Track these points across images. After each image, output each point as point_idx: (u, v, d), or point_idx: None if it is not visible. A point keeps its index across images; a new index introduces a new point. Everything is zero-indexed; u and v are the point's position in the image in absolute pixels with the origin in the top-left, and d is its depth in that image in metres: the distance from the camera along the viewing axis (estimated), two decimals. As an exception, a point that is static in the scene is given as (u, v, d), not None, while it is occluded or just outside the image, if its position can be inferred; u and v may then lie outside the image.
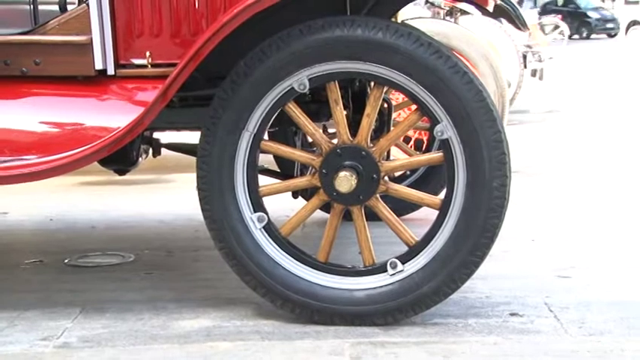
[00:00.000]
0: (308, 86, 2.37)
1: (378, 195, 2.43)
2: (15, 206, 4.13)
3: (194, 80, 2.42)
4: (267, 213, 2.47)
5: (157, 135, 3.05)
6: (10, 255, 3.38)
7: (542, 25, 10.12)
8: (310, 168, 2.52)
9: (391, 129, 2.88)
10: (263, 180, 2.56)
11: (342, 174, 2.38)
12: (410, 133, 4.53)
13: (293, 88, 2.37)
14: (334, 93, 2.40)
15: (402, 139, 3.60)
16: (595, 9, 29.86)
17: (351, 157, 2.40)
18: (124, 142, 2.37)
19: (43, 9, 3.12)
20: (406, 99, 3.14)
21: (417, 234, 2.46)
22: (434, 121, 2.35)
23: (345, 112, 2.48)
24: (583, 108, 8.46)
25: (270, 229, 2.47)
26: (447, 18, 6.09)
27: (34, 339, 2.41)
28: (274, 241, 2.47)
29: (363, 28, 2.29)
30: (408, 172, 3.66)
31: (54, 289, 2.87)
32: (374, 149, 2.41)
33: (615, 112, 7.97)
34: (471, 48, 4.84)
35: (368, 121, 2.40)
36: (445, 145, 2.35)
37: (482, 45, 4.93)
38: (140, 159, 2.85)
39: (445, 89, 2.29)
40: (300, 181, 2.54)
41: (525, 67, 7.39)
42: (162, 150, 3.07)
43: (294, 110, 2.42)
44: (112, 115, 2.43)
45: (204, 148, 2.40)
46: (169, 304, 2.68)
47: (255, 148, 2.42)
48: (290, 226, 2.49)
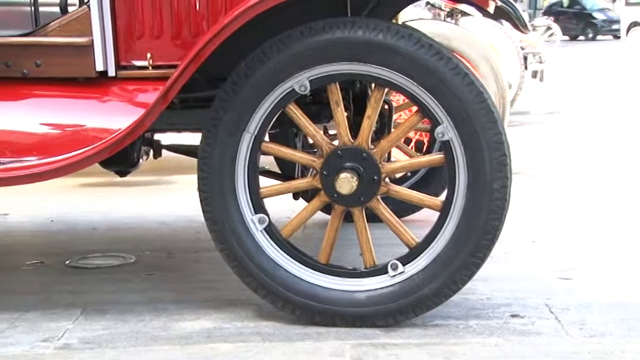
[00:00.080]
0: (309, 88, 2.37)
1: (378, 196, 2.43)
2: (16, 207, 4.13)
3: (195, 82, 2.42)
4: (268, 214, 2.47)
5: (157, 136, 3.05)
6: (11, 256, 3.38)
7: (534, 27, 10.10)
8: (311, 169, 2.52)
9: (392, 130, 2.88)
10: (264, 181, 2.56)
11: (342, 175, 2.38)
12: (411, 134, 4.53)
13: (294, 89, 2.37)
14: (335, 94, 2.40)
15: (402, 140, 3.60)
16: (601, 10, 29.67)
17: (352, 158, 2.40)
18: (124, 144, 2.37)
19: (43, 10, 3.11)
20: (407, 100, 3.14)
21: (417, 235, 2.46)
22: (435, 123, 2.35)
23: (346, 114, 2.48)
24: (584, 109, 8.46)
25: (271, 230, 2.47)
26: (448, 19, 6.09)
27: (34, 340, 2.41)
28: (275, 243, 2.47)
29: (363, 29, 2.29)
30: (408, 174, 3.67)
31: (55, 290, 2.87)
32: (375, 151, 2.41)
33: (616, 114, 7.96)
34: (472, 49, 4.84)
35: (369, 123, 2.40)
36: (446, 147, 2.36)
37: (482, 46, 4.92)
38: (141, 160, 2.85)
39: (446, 91, 2.29)
40: (301, 183, 2.54)
41: (526, 68, 7.39)
42: (163, 151, 3.07)
43: (294, 112, 2.42)
44: (112, 117, 2.43)
45: (205, 149, 2.41)
46: (170, 305, 2.68)
47: (256, 149, 2.42)
48: (291, 228, 2.49)
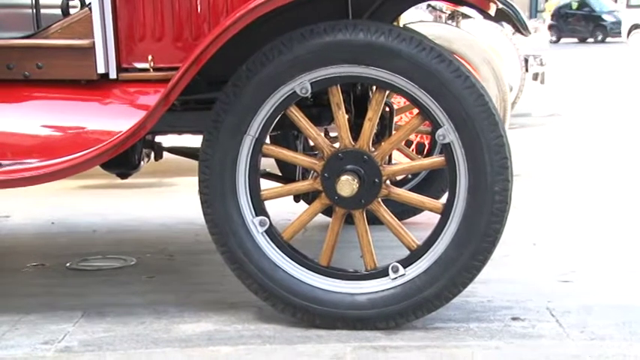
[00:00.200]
0: (310, 90, 2.37)
1: (379, 199, 2.43)
2: (17, 209, 4.13)
3: (196, 84, 2.42)
4: (268, 217, 2.46)
5: (158, 139, 3.05)
6: (12, 258, 3.38)
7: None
8: (312, 172, 2.52)
9: (393, 133, 2.88)
10: (265, 184, 2.56)
11: (343, 178, 2.38)
12: (412, 136, 4.53)
13: (295, 92, 2.37)
14: (336, 97, 2.40)
15: (403, 142, 3.60)
16: (610, 12, 29.32)
17: (353, 161, 2.40)
18: (126, 146, 2.37)
19: (45, 13, 3.11)
20: (408, 103, 3.14)
21: (418, 238, 2.46)
22: (436, 125, 2.35)
23: (347, 116, 2.48)
24: (584, 112, 8.45)
25: (272, 232, 2.47)
26: (449, 22, 6.09)
27: (35, 343, 2.41)
28: (276, 245, 2.47)
29: (365, 32, 2.29)
30: (409, 176, 3.67)
31: (55, 292, 2.87)
32: (376, 153, 2.41)
33: (616, 116, 7.96)
34: (473, 52, 4.84)
35: (370, 125, 2.40)
36: (447, 149, 2.35)
37: (483, 49, 4.93)
38: (142, 163, 2.85)
39: (447, 93, 2.29)
40: (302, 185, 2.54)
41: (527, 70, 7.39)
42: (164, 154, 3.07)
43: (296, 114, 2.42)
44: (114, 119, 2.43)
45: (206, 151, 2.41)
46: (171, 307, 2.68)
47: (257, 152, 2.42)
48: (292, 230, 2.49)
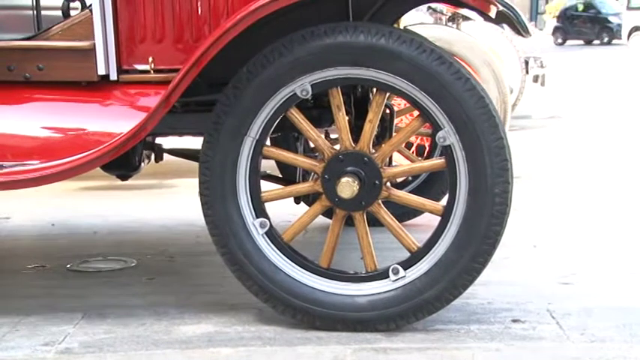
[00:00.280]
0: (310, 92, 2.37)
1: (380, 201, 2.43)
2: (17, 211, 4.13)
3: (196, 86, 2.43)
4: (269, 218, 2.47)
5: (159, 140, 3.06)
6: (13, 260, 3.38)
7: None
8: (312, 174, 2.52)
9: (393, 135, 2.88)
10: (265, 185, 2.56)
11: (344, 180, 2.38)
12: (412, 138, 4.53)
13: (295, 93, 2.37)
14: (337, 99, 2.40)
15: (404, 144, 3.60)
16: (616, 14, 29.04)
17: (354, 162, 2.40)
18: (126, 148, 2.37)
19: (46, 14, 3.12)
20: (408, 105, 3.14)
21: (419, 240, 2.47)
22: (436, 127, 2.35)
23: (348, 118, 2.48)
24: (585, 114, 8.45)
25: (272, 234, 2.47)
26: (449, 24, 6.09)
27: (36, 344, 2.41)
28: (276, 247, 2.47)
29: (365, 34, 2.29)
30: (410, 178, 3.67)
31: (56, 294, 2.87)
32: (376, 155, 2.41)
33: (617, 118, 7.96)
34: (473, 54, 4.84)
35: (370, 127, 2.40)
36: (447, 151, 2.36)
37: (484, 51, 4.93)
38: (142, 164, 2.85)
39: (447, 95, 2.29)
40: (303, 187, 2.54)
41: (527, 72, 7.39)
42: (165, 155, 3.07)
43: (296, 116, 2.42)
44: (114, 121, 2.43)
45: (206, 153, 2.41)
46: (171, 309, 2.68)
47: (258, 153, 2.42)
48: (292, 232, 2.49)
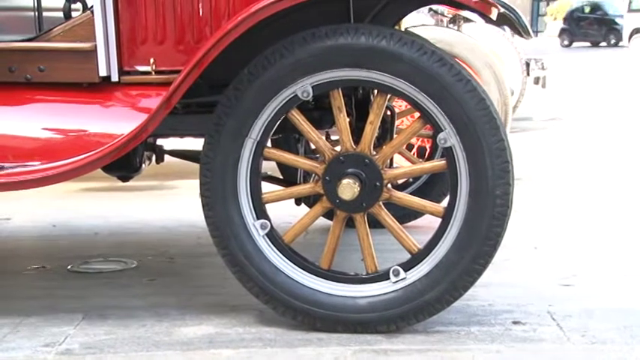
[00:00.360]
0: (311, 94, 2.37)
1: (380, 202, 2.43)
2: (18, 212, 4.13)
3: (197, 87, 2.43)
4: (269, 220, 2.47)
5: (160, 141, 3.06)
6: (13, 261, 3.38)
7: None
8: (313, 175, 2.52)
9: (394, 137, 2.88)
10: (266, 187, 2.56)
11: (345, 181, 2.38)
12: (413, 140, 4.53)
13: (296, 95, 2.37)
14: (337, 100, 2.40)
15: (405, 146, 3.60)
16: (623, 16, 29.04)
17: (354, 164, 2.40)
18: (127, 149, 2.37)
19: (47, 16, 3.12)
20: (409, 106, 3.14)
21: (419, 241, 2.46)
22: (437, 129, 2.35)
23: (349, 120, 2.48)
24: (586, 116, 8.45)
25: (273, 236, 2.47)
26: (451, 26, 6.10)
27: (36, 345, 2.41)
28: (277, 248, 2.47)
29: (366, 35, 2.29)
30: (410, 180, 3.67)
31: (57, 295, 2.87)
32: (377, 157, 2.41)
33: (618, 120, 7.96)
34: (474, 56, 4.84)
35: (371, 129, 2.40)
36: (448, 153, 2.36)
37: (485, 53, 4.93)
38: (143, 165, 2.85)
39: (448, 97, 2.29)
40: (303, 189, 2.54)
41: (528, 74, 7.39)
42: (166, 156, 3.07)
43: (297, 117, 2.42)
44: (115, 122, 2.43)
45: (207, 155, 2.41)
46: (172, 310, 2.68)
47: (259, 155, 2.43)
48: (293, 233, 2.50)
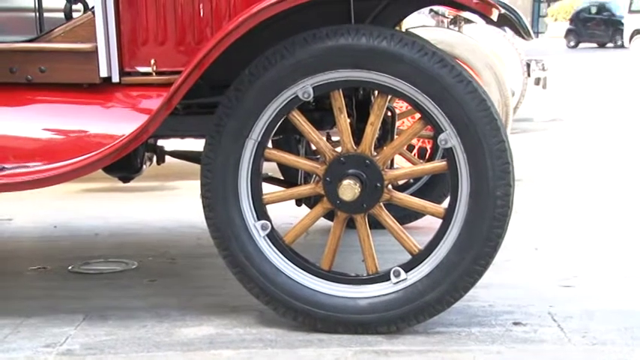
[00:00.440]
0: (312, 94, 2.37)
1: (381, 203, 2.43)
2: (19, 213, 4.13)
3: (198, 88, 2.43)
4: (270, 221, 2.47)
5: (161, 142, 3.06)
6: (14, 261, 3.38)
7: None
8: (314, 176, 2.52)
9: (395, 137, 2.88)
10: (267, 188, 2.56)
11: (345, 182, 2.38)
12: (413, 141, 4.53)
13: (297, 96, 2.37)
14: (338, 101, 2.40)
15: (405, 147, 3.60)
16: (624, 17, 28.83)
17: (355, 165, 2.40)
18: (128, 150, 2.37)
19: (48, 16, 3.12)
20: (410, 107, 3.14)
21: (420, 242, 2.46)
22: (438, 130, 2.35)
23: (349, 121, 2.49)
24: (586, 117, 8.45)
25: (274, 236, 2.47)
26: (451, 27, 6.10)
27: (37, 346, 2.41)
28: (277, 249, 2.47)
29: (367, 36, 2.29)
30: (411, 181, 3.67)
31: (57, 296, 2.87)
32: (378, 158, 2.41)
33: (618, 121, 7.96)
34: (475, 57, 4.85)
35: (372, 130, 2.40)
36: (449, 154, 2.36)
37: (486, 54, 4.94)
38: (144, 166, 2.85)
39: (449, 98, 2.29)
40: (304, 189, 2.54)
41: (529, 75, 7.39)
42: (166, 157, 3.07)
43: (298, 118, 2.42)
44: (116, 123, 2.43)
45: (208, 155, 2.41)
46: (172, 311, 2.68)
47: (259, 156, 2.43)
48: (293, 234, 2.50)
